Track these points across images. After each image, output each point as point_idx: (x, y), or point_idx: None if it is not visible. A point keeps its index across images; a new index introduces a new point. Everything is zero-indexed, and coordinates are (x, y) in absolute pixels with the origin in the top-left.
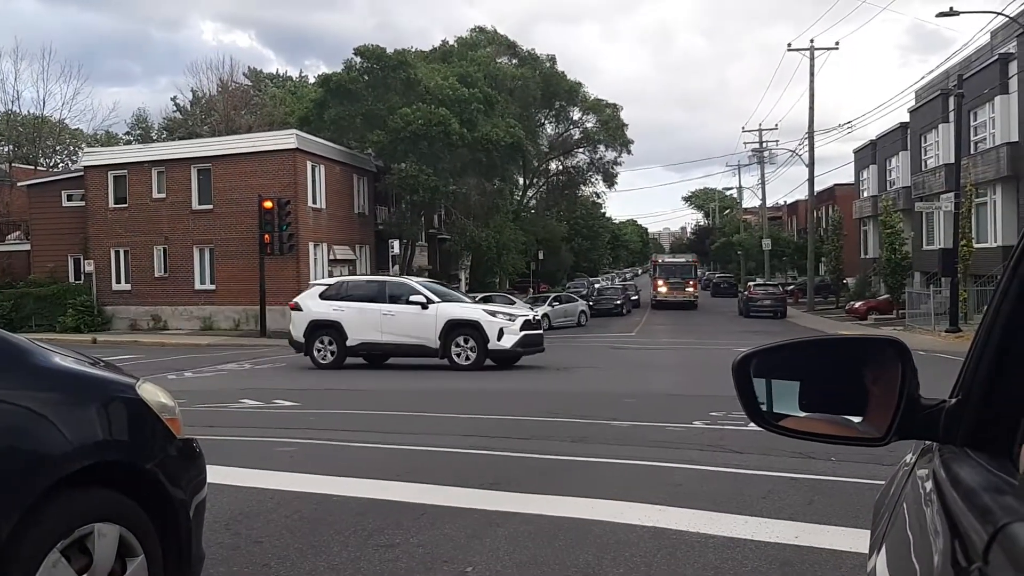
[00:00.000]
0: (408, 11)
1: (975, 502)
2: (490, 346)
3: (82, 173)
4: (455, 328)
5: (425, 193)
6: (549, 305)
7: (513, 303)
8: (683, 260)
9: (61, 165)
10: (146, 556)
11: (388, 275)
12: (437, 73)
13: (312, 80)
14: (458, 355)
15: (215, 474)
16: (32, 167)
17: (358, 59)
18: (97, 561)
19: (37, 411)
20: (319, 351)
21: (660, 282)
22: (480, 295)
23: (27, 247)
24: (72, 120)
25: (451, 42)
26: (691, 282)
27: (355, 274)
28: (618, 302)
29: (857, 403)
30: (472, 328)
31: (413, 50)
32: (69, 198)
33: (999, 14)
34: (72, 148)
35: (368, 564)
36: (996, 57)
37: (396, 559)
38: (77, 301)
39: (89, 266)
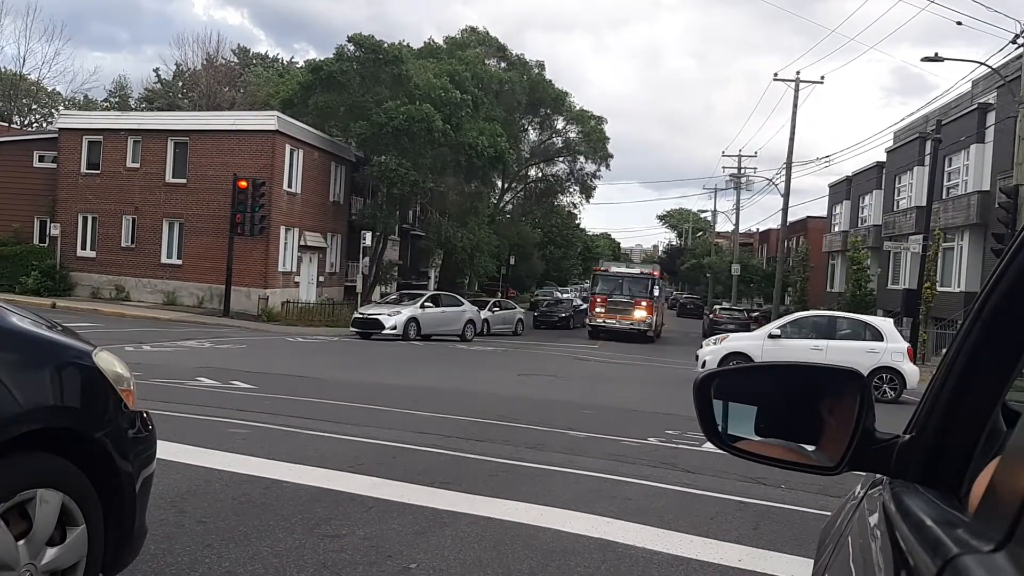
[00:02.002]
0: (402, 4)
1: (925, 535)
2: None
3: (56, 135)
4: None
5: (404, 187)
6: (489, 311)
7: (460, 304)
8: (637, 271)
9: (35, 125)
10: (88, 526)
11: (359, 266)
12: (428, 71)
13: (300, 64)
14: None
15: (165, 450)
16: (6, 124)
17: (351, 47)
18: (36, 527)
19: None
20: None
21: (600, 300)
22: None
23: None
24: (50, 80)
25: (440, 40)
26: (645, 303)
27: (325, 262)
28: (563, 315)
29: (812, 431)
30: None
31: (405, 44)
32: (40, 159)
33: (982, 64)
34: (48, 109)
35: (312, 553)
36: (975, 106)
37: (341, 550)
38: (42, 264)
39: (55, 230)
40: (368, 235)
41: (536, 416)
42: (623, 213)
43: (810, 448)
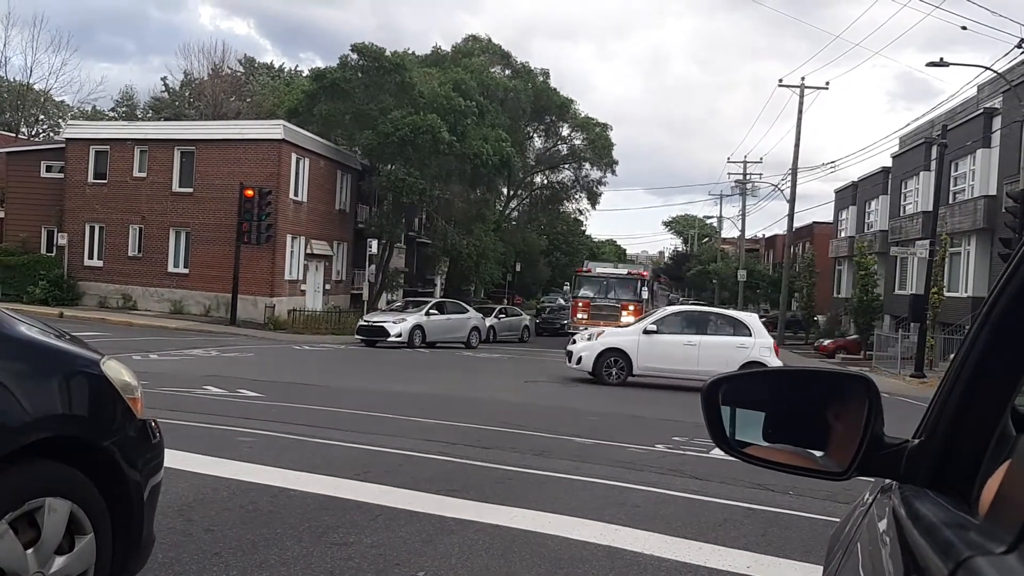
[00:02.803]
0: (409, 14)
1: (936, 538)
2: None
3: (63, 145)
4: None
5: (412, 196)
6: (495, 318)
7: (465, 311)
8: (624, 272)
9: (43, 135)
10: (96, 535)
11: (365, 274)
12: (433, 79)
13: (306, 73)
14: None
15: (172, 459)
16: (13, 135)
17: (355, 56)
18: (45, 536)
19: None
20: None
21: (581, 304)
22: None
23: (1, 214)
24: (57, 91)
25: (445, 48)
26: (633, 307)
27: (331, 270)
28: (565, 322)
29: (820, 436)
30: None
31: (410, 52)
32: (48, 169)
33: (987, 68)
34: (55, 119)
35: (320, 561)
36: (981, 111)
37: (348, 558)
38: (50, 274)
39: (63, 239)
40: (374, 243)
41: (543, 423)
42: (629, 219)
43: (819, 453)
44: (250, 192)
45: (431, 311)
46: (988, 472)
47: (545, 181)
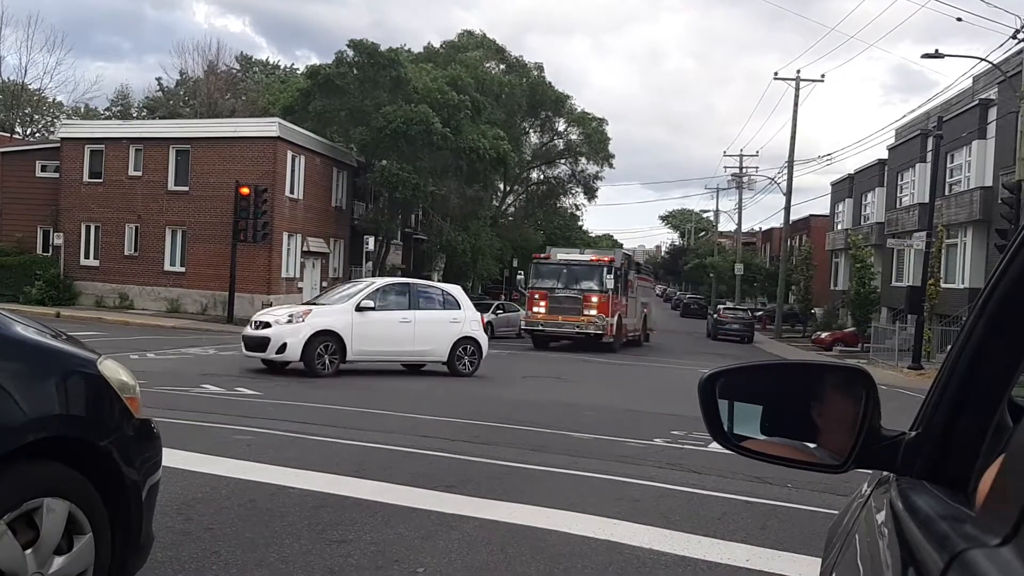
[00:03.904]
0: (403, 11)
1: (932, 530)
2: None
3: (58, 144)
4: None
5: (406, 191)
6: (492, 313)
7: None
8: (588, 258)
9: (38, 135)
10: (94, 535)
11: (362, 271)
12: (427, 74)
13: (302, 70)
14: None
15: (171, 457)
16: (8, 135)
17: (350, 52)
18: (44, 536)
19: None
20: None
21: (538, 296)
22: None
23: None
24: (52, 90)
25: (438, 45)
26: (596, 298)
27: (327, 267)
28: (521, 322)
29: (818, 430)
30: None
31: (404, 48)
32: (43, 168)
33: (982, 60)
34: (50, 119)
35: (319, 558)
36: (977, 102)
37: (348, 555)
38: (46, 274)
39: (58, 239)
40: (371, 240)
41: (541, 418)
42: (625, 214)
43: (816, 446)
44: (246, 190)
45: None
46: (985, 464)
47: (541, 176)
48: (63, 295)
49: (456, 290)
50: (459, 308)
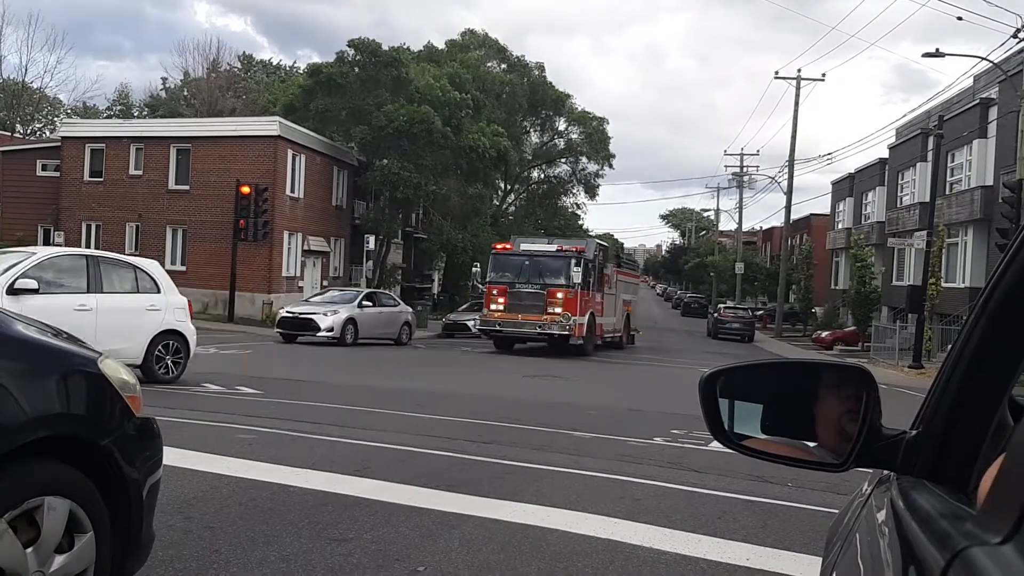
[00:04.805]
0: (405, 10)
1: (933, 529)
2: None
3: (59, 143)
4: None
5: (407, 190)
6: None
7: (396, 304)
8: (554, 248)
9: (38, 134)
10: (95, 534)
11: (362, 270)
12: (428, 73)
13: (303, 69)
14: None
15: (172, 456)
16: (8, 133)
17: (351, 51)
18: (45, 535)
19: None
20: None
21: (496, 292)
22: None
23: None
24: (52, 89)
25: (440, 45)
26: (562, 294)
27: (328, 266)
28: (472, 320)
29: (818, 429)
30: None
31: (405, 47)
32: (44, 167)
33: (983, 59)
34: (51, 118)
35: (320, 557)
36: (977, 101)
37: (348, 554)
38: None
39: (59, 238)
40: (371, 239)
41: (542, 418)
42: (626, 213)
43: (816, 445)
44: (246, 189)
45: (364, 302)
46: (986, 463)
47: (542, 175)
48: None
49: (154, 266)
50: (159, 292)
